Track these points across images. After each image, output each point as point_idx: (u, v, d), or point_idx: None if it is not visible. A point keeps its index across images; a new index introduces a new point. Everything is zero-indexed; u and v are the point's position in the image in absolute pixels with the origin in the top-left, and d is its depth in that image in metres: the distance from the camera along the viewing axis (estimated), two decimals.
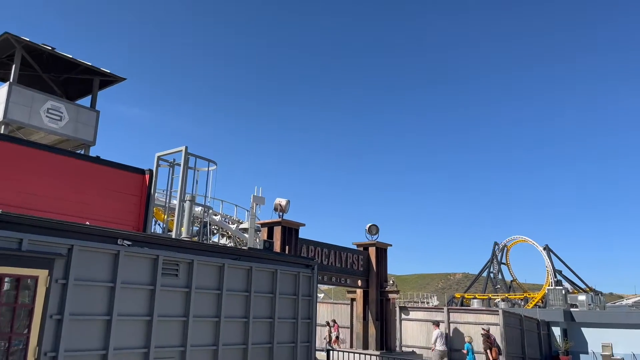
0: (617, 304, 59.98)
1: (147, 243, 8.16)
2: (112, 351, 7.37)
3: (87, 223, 7.90)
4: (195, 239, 19.37)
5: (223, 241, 35.31)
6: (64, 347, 6.86)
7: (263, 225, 20.29)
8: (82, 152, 16.15)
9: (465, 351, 19.47)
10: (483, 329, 19.70)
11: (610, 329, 31.49)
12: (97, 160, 13.67)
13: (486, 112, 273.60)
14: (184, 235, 14.66)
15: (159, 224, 30.56)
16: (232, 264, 9.50)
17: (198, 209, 21.24)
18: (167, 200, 16.57)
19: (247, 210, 35.51)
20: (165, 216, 18.63)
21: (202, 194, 16.42)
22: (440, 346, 18.66)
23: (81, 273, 7.20)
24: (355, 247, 24.74)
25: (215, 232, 35.09)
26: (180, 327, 8.43)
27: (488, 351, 18.08)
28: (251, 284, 9.77)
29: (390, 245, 25.44)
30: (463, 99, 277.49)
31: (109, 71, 17.75)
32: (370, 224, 24.97)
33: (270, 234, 19.56)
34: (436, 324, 20.16)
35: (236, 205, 37.82)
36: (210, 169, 15.82)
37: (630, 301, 59.90)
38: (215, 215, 34.76)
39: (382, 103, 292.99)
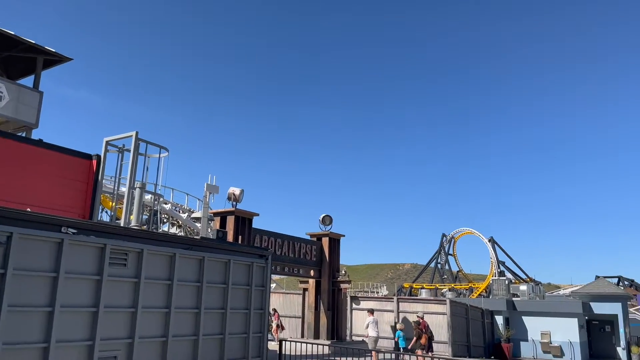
0: (554, 293, 63.10)
1: (93, 231, 7.81)
2: (55, 344, 7.04)
3: (29, 210, 7.47)
4: (145, 227, 18.81)
5: (173, 230, 34.53)
6: (2, 340, 6.49)
7: (216, 214, 19.94)
8: (24, 135, 15.28)
9: (396, 339, 20.16)
10: (418, 316, 20.57)
11: (549, 318, 33.08)
12: (40, 143, 12.97)
13: (435, 106, 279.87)
14: (133, 223, 14.18)
15: (106, 212, 29.53)
16: (184, 254, 9.26)
17: (148, 196, 20.63)
18: (116, 187, 15.97)
19: (199, 200, 34.90)
20: (114, 204, 17.96)
21: (153, 182, 15.92)
22: (372, 332, 19.32)
23: (21, 262, 6.82)
24: (308, 237, 24.78)
25: (165, 221, 34.27)
26: (128, 318, 8.15)
27: (416, 337, 18.94)
28: (203, 274, 9.56)
29: (343, 235, 25.65)
30: (424, 90, 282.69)
31: (54, 50, 16.83)
32: (324, 215, 25.05)
33: (223, 224, 19.25)
34: (370, 311, 20.86)
35: (187, 194, 37.06)
36: (161, 155, 15.34)
37: (566, 291, 63.09)
38: (166, 203, 33.93)
39: (334, 93, 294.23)
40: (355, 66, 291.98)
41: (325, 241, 24.70)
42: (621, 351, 34.68)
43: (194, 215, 29.53)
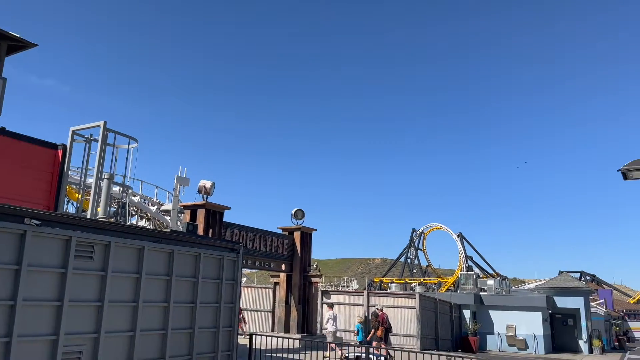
0: (520, 288, 64.71)
1: (58, 223, 7.56)
2: (17, 338, 6.80)
3: None
4: (113, 220, 18.39)
5: (142, 223, 33.94)
6: None
7: (186, 207, 19.67)
8: None
9: (355, 331, 20.50)
10: (377, 309, 21.05)
11: (514, 312, 33.90)
12: (3, 132, 12.48)
13: (408, 101, 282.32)
14: (100, 215, 13.83)
15: (72, 204, 28.77)
16: (153, 247, 9.06)
17: (116, 188, 20.17)
18: (82, 179, 15.53)
19: (169, 192, 34.36)
20: (80, 195, 17.49)
21: (121, 173, 15.55)
22: (331, 327, 19.62)
23: None
24: (280, 231, 24.70)
25: (134, 213, 33.65)
26: (94, 312, 7.94)
27: (374, 329, 19.48)
28: (173, 268, 9.39)
29: (315, 230, 25.67)
30: (399, 84, 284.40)
31: (17, 35, 16.21)
32: (296, 209, 25.00)
33: (194, 217, 19.01)
34: (330, 305, 21.12)
35: (157, 187, 36.47)
36: (130, 146, 14.98)
37: (532, 286, 64.78)
38: (135, 196, 33.30)
39: (310, 87, 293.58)
40: (329, 60, 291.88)
41: (297, 235, 24.66)
42: (583, 344, 35.84)
43: (163, 207, 29.09)
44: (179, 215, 20.80)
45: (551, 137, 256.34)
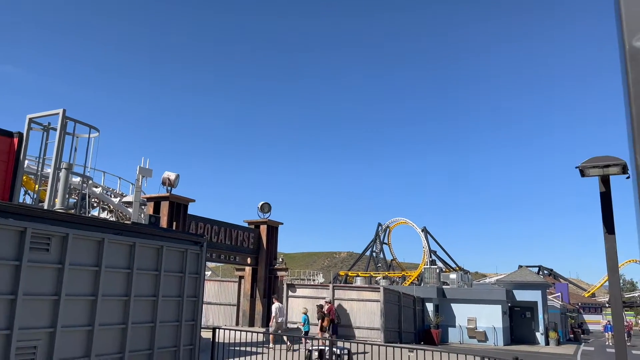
0: (481, 282, 66.35)
1: (12, 213, 7.27)
2: None
3: None
4: (72, 212, 17.85)
5: (104, 215, 33.08)
6: None
7: (149, 199, 19.28)
8: None
9: (302, 323, 20.82)
10: (325, 301, 21.48)
11: (475, 305, 34.75)
12: None
13: (373, 97, 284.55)
14: (58, 206, 13.39)
15: (28, 194, 27.78)
16: (114, 239, 8.83)
17: (76, 179, 19.58)
18: (40, 168, 14.98)
19: (132, 184, 33.57)
20: (37, 186, 16.88)
21: (81, 164, 15.06)
22: (278, 318, 19.92)
23: None
24: (246, 224, 24.52)
25: (95, 205, 32.77)
26: (50, 306, 7.69)
27: (320, 320, 19.96)
28: (134, 261, 9.18)
29: (282, 223, 25.61)
30: (361, 84, 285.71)
31: None
32: (262, 202, 24.86)
33: (157, 209, 18.66)
34: (277, 298, 21.37)
35: (120, 178, 35.53)
36: (91, 135, 14.52)
37: (492, 279, 66.51)
38: (96, 187, 32.40)
39: (278, 74, 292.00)
40: (296, 44, 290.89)
41: (263, 229, 24.54)
42: (540, 336, 37.06)
43: (125, 199, 28.41)
44: (142, 207, 20.37)
45: (509, 133, 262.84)
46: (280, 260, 25.54)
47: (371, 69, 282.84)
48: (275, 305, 20.36)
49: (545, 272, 78.76)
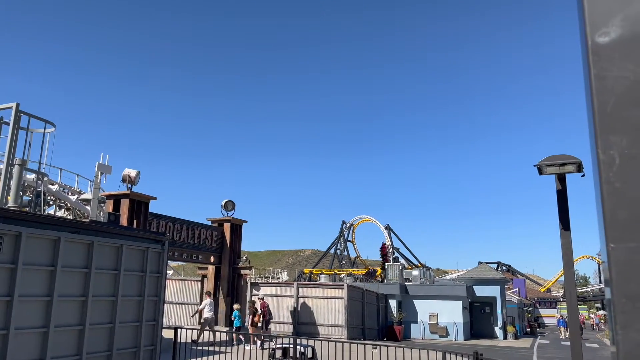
0: (443, 278, 67.74)
1: None
2: None
3: None
4: (27, 210, 17.19)
5: (61, 213, 32.02)
6: None
7: (109, 197, 18.78)
8: None
9: (233, 318, 21.06)
10: (258, 298, 21.82)
11: (437, 301, 35.41)
12: None
13: (336, 99, 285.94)
14: (10, 204, 12.86)
15: None
16: (70, 238, 8.54)
17: (30, 176, 18.87)
18: None
19: (91, 181, 32.60)
20: None
21: (36, 160, 14.50)
22: (207, 314, 20.01)
23: None
24: (209, 223, 24.21)
25: (51, 203, 31.68)
26: (3, 308, 7.38)
27: (251, 316, 20.37)
28: (92, 260, 8.91)
29: (246, 221, 25.40)
30: (322, 86, 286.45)
31: None
32: (226, 200, 24.59)
33: (117, 207, 18.19)
34: (207, 294, 21.50)
35: (78, 175, 34.46)
36: (47, 130, 13.99)
37: (453, 276, 68.01)
38: (52, 184, 31.33)
39: (241, 70, 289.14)
40: (259, 39, 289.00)
41: (226, 227, 24.29)
42: (498, 330, 38.11)
43: (83, 196, 27.57)
44: (101, 204, 19.82)
45: (467, 130, 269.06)
46: (244, 258, 25.34)
47: (326, 64, 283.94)
48: (206, 301, 20.52)
49: (504, 268, 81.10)
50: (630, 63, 1.10)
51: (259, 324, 20.47)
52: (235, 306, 21.64)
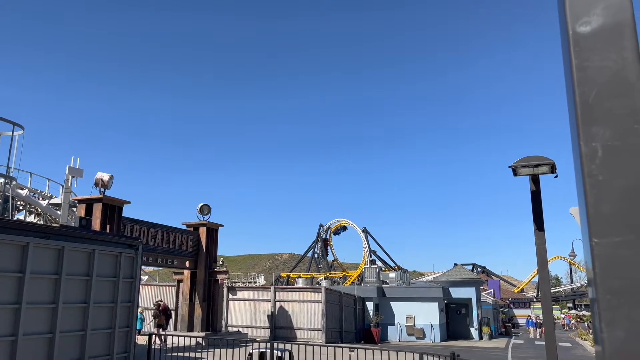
0: (419, 280, 68.25)
1: None
2: None
3: None
4: None
5: (31, 219, 31.20)
6: None
7: (81, 201, 18.35)
8: None
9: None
10: (159, 301, 22.26)
11: (414, 303, 35.62)
12: None
13: (314, 98, 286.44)
14: None
15: None
16: (40, 243, 8.30)
17: None
18: None
19: (62, 185, 31.86)
20: None
21: (4, 164, 14.08)
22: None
23: None
24: (185, 227, 23.89)
25: (20, 208, 30.85)
26: None
27: (156, 318, 21.25)
28: (63, 266, 8.67)
29: (222, 225, 25.14)
30: (288, 82, 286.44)
31: None
32: (202, 204, 24.30)
33: (89, 211, 17.78)
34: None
35: (49, 179, 33.65)
36: (15, 133, 13.62)
37: (429, 278, 68.56)
38: (22, 189, 30.52)
39: (209, 80, 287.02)
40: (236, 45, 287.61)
41: (202, 231, 23.99)
42: (474, 331, 38.54)
43: (53, 201, 26.91)
44: (72, 209, 19.35)
45: (442, 134, 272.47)
46: (221, 263, 25.07)
47: (307, 69, 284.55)
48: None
49: (479, 269, 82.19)
50: (612, 53, 1.07)
51: (163, 325, 21.32)
52: (139, 309, 22.16)
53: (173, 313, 24.97)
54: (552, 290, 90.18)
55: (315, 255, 79.97)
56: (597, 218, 1.01)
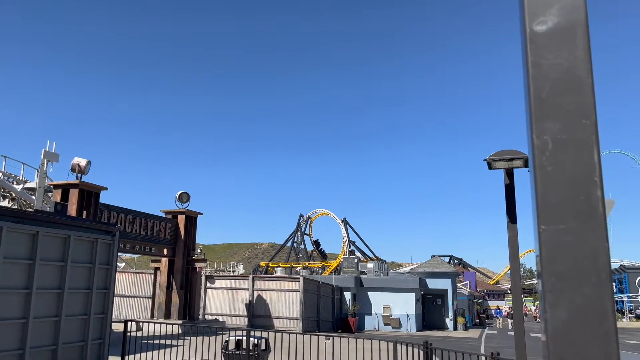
0: (397, 271, 69.01)
1: None
2: None
3: None
4: None
5: (5, 203, 30.61)
6: None
7: (56, 186, 18.08)
8: None
9: None
10: None
11: (391, 293, 36.05)
12: None
13: (292, 95, 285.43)
14: None
15: None
16: (13, 228, 8.19)
17: None
18: None
19: (38, 170, 31.28)
20: None
21: None
22: None
23: None
24: (163, 214, 23.72)
25: None
26: None
27: None
28: (37, 251, 8.57)
29: (201, 213, 25.04)
30: (278, 83, 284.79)
31: None
32: (180, 192, 24.14)
33: (65, 197, 17.54)
34: None
35: (23, 164, 33.08)
36: None
37: (407, 269, 69.37)
38: None
39: (189, 71, 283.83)
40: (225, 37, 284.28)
41: (181, 219, 23.86)
42: (449, 321, 39.20)
43: (28, 185, 26.43)
44: (48, 194, 19.05)
45: (419, 132, 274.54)
46: (199, 251, 24.99)
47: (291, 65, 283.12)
48: None
49: (456, 261, 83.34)
50: (565, 51, 1.14)
51: None
52: None
53: (150, 300, 24.87)
54: (526, 283, 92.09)
55: (295, 245, 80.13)
56: (544, 206, 1.07)
